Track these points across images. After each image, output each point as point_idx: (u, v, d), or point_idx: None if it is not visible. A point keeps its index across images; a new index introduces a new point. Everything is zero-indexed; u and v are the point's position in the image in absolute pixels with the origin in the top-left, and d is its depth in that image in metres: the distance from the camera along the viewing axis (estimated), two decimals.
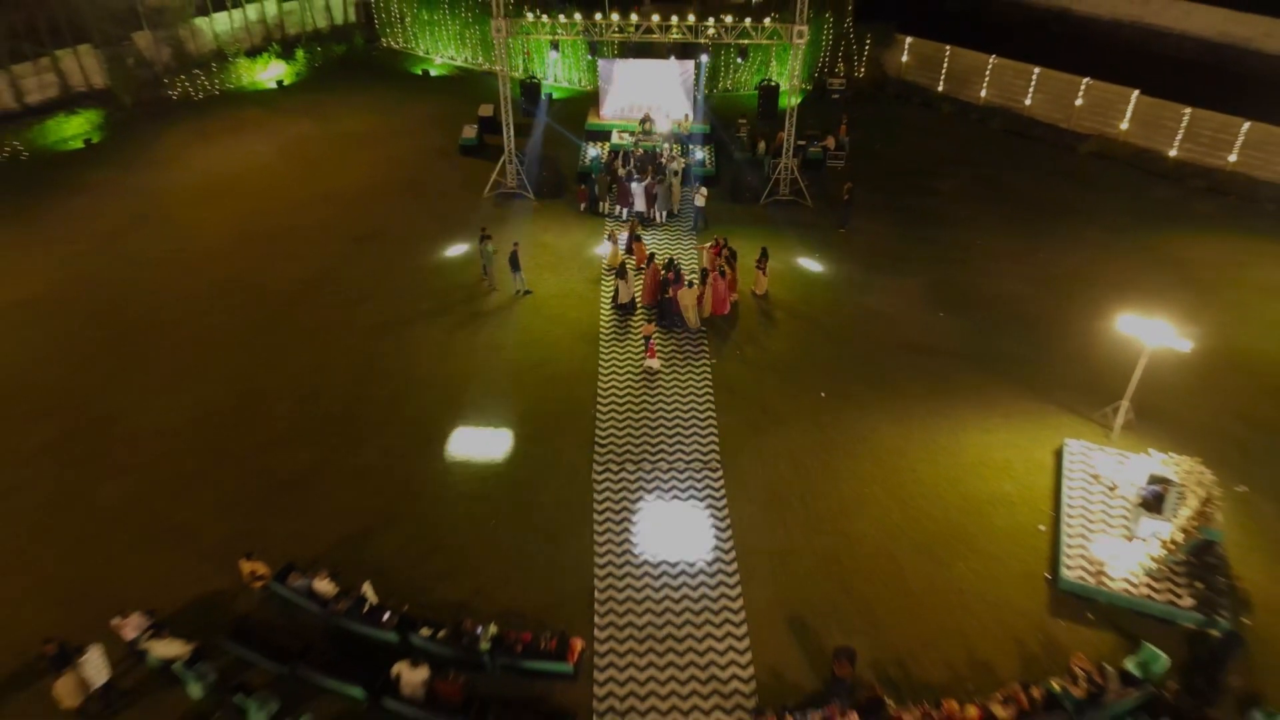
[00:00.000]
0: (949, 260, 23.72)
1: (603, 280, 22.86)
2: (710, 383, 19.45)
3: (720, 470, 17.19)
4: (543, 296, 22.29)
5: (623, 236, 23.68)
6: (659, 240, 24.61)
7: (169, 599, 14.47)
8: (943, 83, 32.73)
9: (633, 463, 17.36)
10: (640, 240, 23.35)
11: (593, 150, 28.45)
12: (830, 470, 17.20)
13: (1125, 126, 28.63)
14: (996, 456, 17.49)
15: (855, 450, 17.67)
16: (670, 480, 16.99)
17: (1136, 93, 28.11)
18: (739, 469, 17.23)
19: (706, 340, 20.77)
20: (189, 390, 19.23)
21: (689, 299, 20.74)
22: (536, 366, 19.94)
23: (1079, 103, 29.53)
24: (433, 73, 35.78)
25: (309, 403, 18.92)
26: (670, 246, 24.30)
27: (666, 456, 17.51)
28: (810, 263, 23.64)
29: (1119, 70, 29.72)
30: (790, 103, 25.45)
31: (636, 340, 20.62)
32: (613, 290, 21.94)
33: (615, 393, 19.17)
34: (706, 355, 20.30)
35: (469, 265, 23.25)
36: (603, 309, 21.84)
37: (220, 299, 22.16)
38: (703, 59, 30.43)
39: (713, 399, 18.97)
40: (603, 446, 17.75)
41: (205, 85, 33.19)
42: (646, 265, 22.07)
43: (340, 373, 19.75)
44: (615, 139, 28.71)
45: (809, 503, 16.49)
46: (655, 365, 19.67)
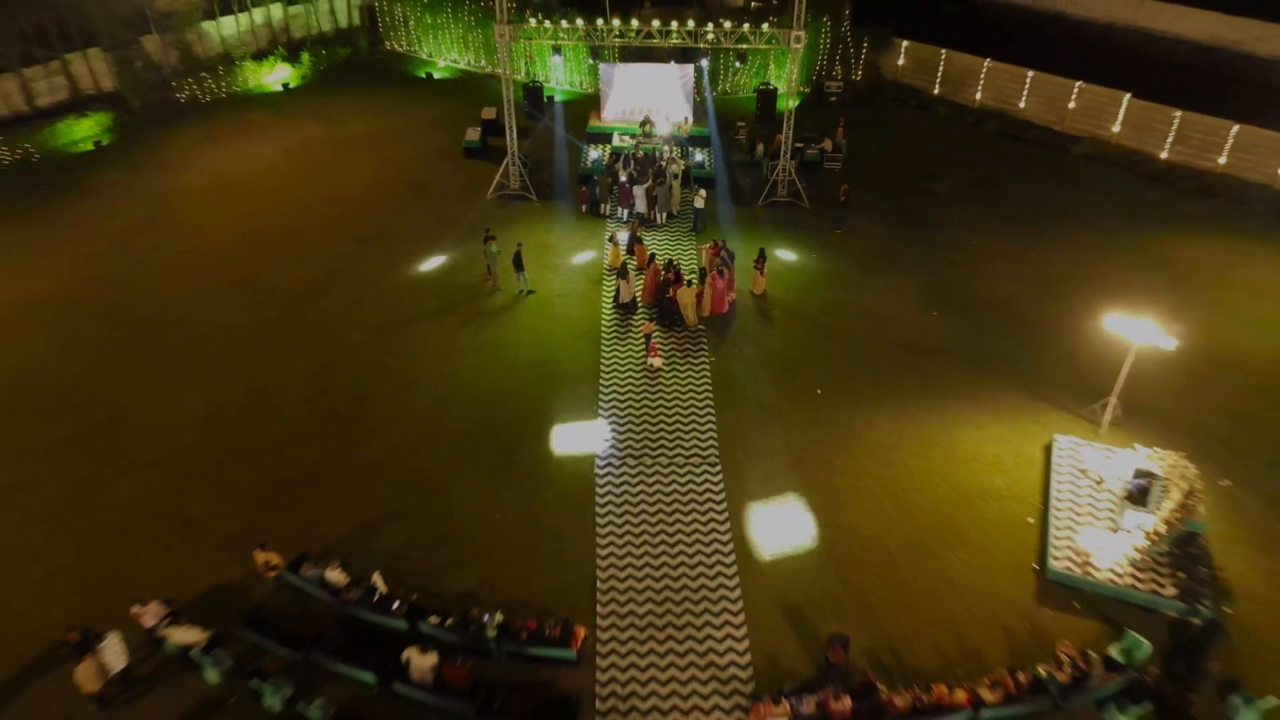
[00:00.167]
0: (943, 261, 24.19)
1: (604, 280, 23.33)
2: (709, 380, 19.93)
3: (719, 465, 17.67)
4: (545, 296, 22.76)
5: (623, 237, 24.15)
6: (659, 241, 25.09)
7: (185, 589, 14.94)
8: (939, 86, 33.22)
9: (634, 458, 17.84)
10: (642, 241, 23.84)
11: (594, 152, 28.93)
12: (826, 464, 17.68)
13: (1117, 129, 29.13)
14: (988, 452, 17.97)
15: (850, 445, 18.15)
16: (670, 474, 17.46)
17: (1128, 96, 28.61)
18: (737, 463, 17.71)
19: (705, 339, 21.26)
20: (199, 388, 19.71)
21: (688, 298, 21.23)
22: (539, 364, 20.42)
23: (1072, 105, 30.04)
24: (436, 76, 36.28)
25: (317, 400, 19.40)
26: (670, 247, 24.78)
27: (667, 451, 17.99)
28: (809, 263, 24.12)
29: (1113, 73, 30.20)
30: (788, 105, 25.90)
31: (637, 339, 21.10)
32: (614, 290, 22.42)
33: (617, 390, 19.64)
34: (706, 353, 20.79)
35: (473, 265, 23.72)
36: (604, 308, 22.31)
37: (229, 299, 22.63)
38: (703, 64, 30.90)
39: (712, 396, 19.45)
40: (604, 442, 18.22)
41: (212, 88, 33.71)
42: (647, 266, 22.57)
43: (347, 370, 20.23)
44: (616, 141, 29.20)
45: (804, 496, 16.96)
46: (657, 363, 20.15)
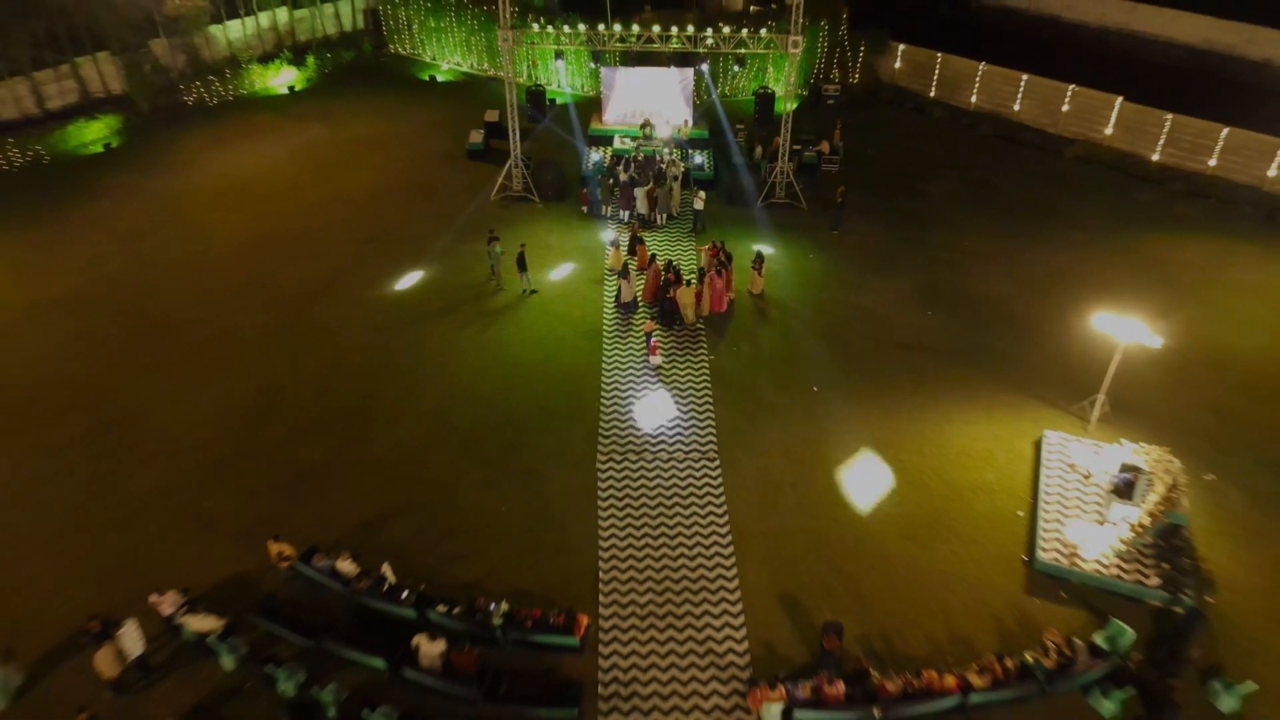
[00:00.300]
0: (938, 261, 24.68)
1: (605, 280, 23.83)
2: (709, 378, 20.42)
3: (717, 460, 18.16)
4: (548, 296, 23.26)
5: (621, 239, 24.62)
6: (659, 242, 25.58)
7: (200, 579, 15.42)
8: (934, 89, 33.72)
9: (635, 453, 18.34)
10: (643, 242, 24.33)
11: (595, 155, 29.42)
12: (821, 459, 18.17)
13: (1110, 131, 29.64)
14: (979, 447, 18.46)
15: (845, 441, 18.64)
16: (670, 469, 17.96)
17: (1120, 99, 29.11)
18: (735, 458, 18.21)
19: (705, 337, 21.75)
20: (211, 385, 20.21)
21: (687, 297, 21.75)
22: (542, 362, 20.91)
23: (1065, 108, 30.54)
24: (439, 78, 36.77)
25: (326, 397, 19.89)
26: (670, 248, 25.27)
27: (667, 447, 18.49)
28: (806, 263, 24.61)
29: (1107, 76, 30.69)
30: (786, 108, 26.37)
31: (638, 337, 21.58)
32: (615, 290, 22.92)
33: (618, 387, 20.14)
34: (705, 351, 21.28)
35: (477, 266, 24.20)
36: (605, 308, 22.81)
37: (238, 299, 23.13)
38: (703, 68, 31.40)
39: (711, 393, 19.95)
40: (606, 438, 18.72)
41: (219, 91, 34.23)
42: (648, 266, 23.08)
43: (354, 369, 20.73)
44: (617, 144, 29.69)
45: (801, 490, 17.47)
46: (658, 361, 20.65)
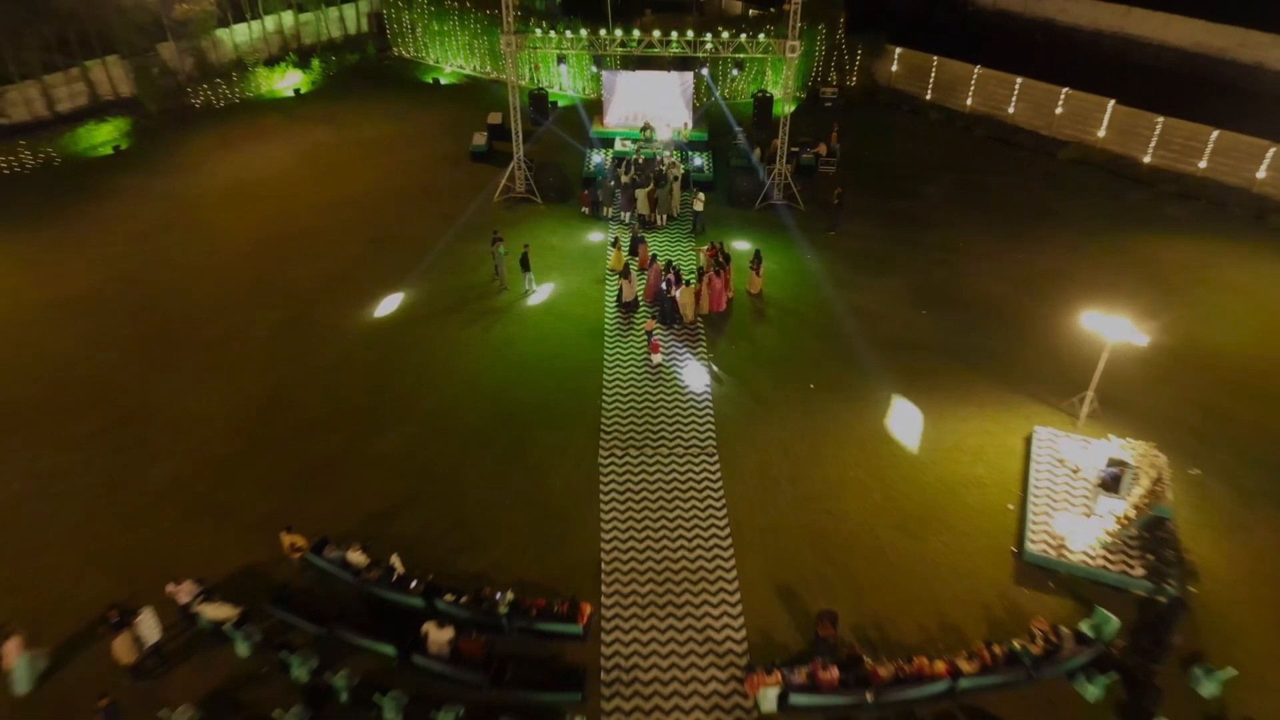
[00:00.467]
0: (933, 261, 25.17)
1: (606, 281, 24.31)
2: (708, 375, 20.89)
3: (716, 455, 18.66)
4: (551, 295, 23.74)
5: (626, 239, 25.11)
6: (659, 243, 26.06)
7: (215, 569, 15.92)
8: (930, 91, 34.19)
9: (636, 448, 18.84)
10: (644, 242, 24.82)
11: (597, 157, 29.91)
12: (817, 455, 18.68)
13: (1103, 134, 30.12)
14: (971, 443, 18.96)
15: (841, 437, 19.14)
16: (670, 464, 18.46)
17: (1113, 102, 29.58)
18: (734, 453, 18.70)
19: (704, 336, 22.25)
20: (222, 382, 20.70)
21: (686, 297, 22.26)
22: (546, 360, 21.40)
23: (1059, 111, 31.02)
24: (443, 81, 37.24)
25: (334, 393, 20.38)
26: (670, 249, 25.76)
27: (667, 442, 18.99)
28: (803, 263, 25.11)
29: (1101, 79, 31.13)
30: (784, 111, 26.82)
31: (640, 336, 22.07)
32: (617, 290, 23.41)
33: (619, 384, 20.63)
34: (705, 350, 21.78)
35: (481, 266, 24.68)
36: (607, 307, 23.30)
37: (248, 298, 23.62)
38: (703, 71, 31.87)
39: (710, 390, 20.44)
40: (608, 433, 19.22)
41: (226, 94, 34.72)
42: (649, 266, 23.58)
43: (363, 366, 21.22)
44: (618, 146, 30.18)
45: (797, 484, 17.97)
46: (659, 359, 21.14)
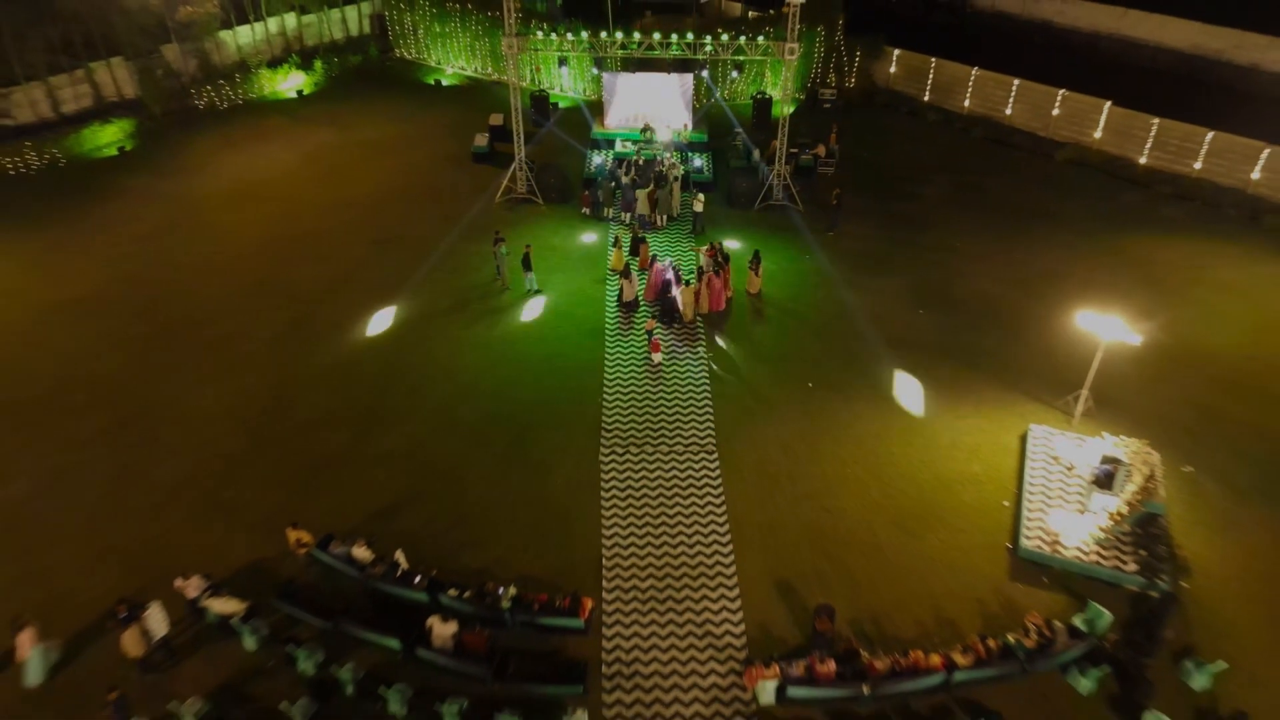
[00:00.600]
0: (930, 262, 25.40)
1: (607, 280, 24.55)
2: (707, 374, 21.16)
3: (716, 453, 18.90)
4: (553, 295, 23.97)
5: (626, 239, 25.35)
6: (660, 243, 26.30)
7: (222, 565, 16.18)
8: (929, 93, 34.44)
9: (636, 446, 19.08)
10: (645, 242, 25.08)
11: (597, 158, 30.15)
12: (815, 452, 18.92)
13: (1099, 135, 30.36)
14: (967, 440, 19.20)
15: (838, 435, 19.39)
16: (670, 461, 18.70)
17: (1109, 104, 29.83)
18: (733, 451, 18.95)
19: (703, 335, 22.49)
20: (228, 381, 20.95)
21: (686, 296, 22.52)
22: (547, 359, 21.64)
23: (1056, 113, 31.27)
24: (444, 82, 37.49)
25: (338, 392, 20.62)
26: (670, 249, 26.00)
27: (667, 440, 19.23)
28: (802, 263, 25.36)
29: (1098, 80, 31.38)
30: (783, 112, 27.07)
31: (640, 335, 22.32)
32: (618, 289, 23.66)
33: (620, 383, 20.88)
34: (704, 349, 22.02)
35: (483, 266, 24.93)
36: (608, 307, 23.54)
37: (252, 298, 23.86)
38: (702, 73, 32.11)
39: (709, 389, 20.69)
40: (609, 432, 19.47)
41: (229, 95, 34.99)
42: (650, 266, 23.83)
43: (366, 365, 21.45)
44: (619, 147, 30.43)
45: (796, 481, 18.22)
46: (659, 358, 21.38)
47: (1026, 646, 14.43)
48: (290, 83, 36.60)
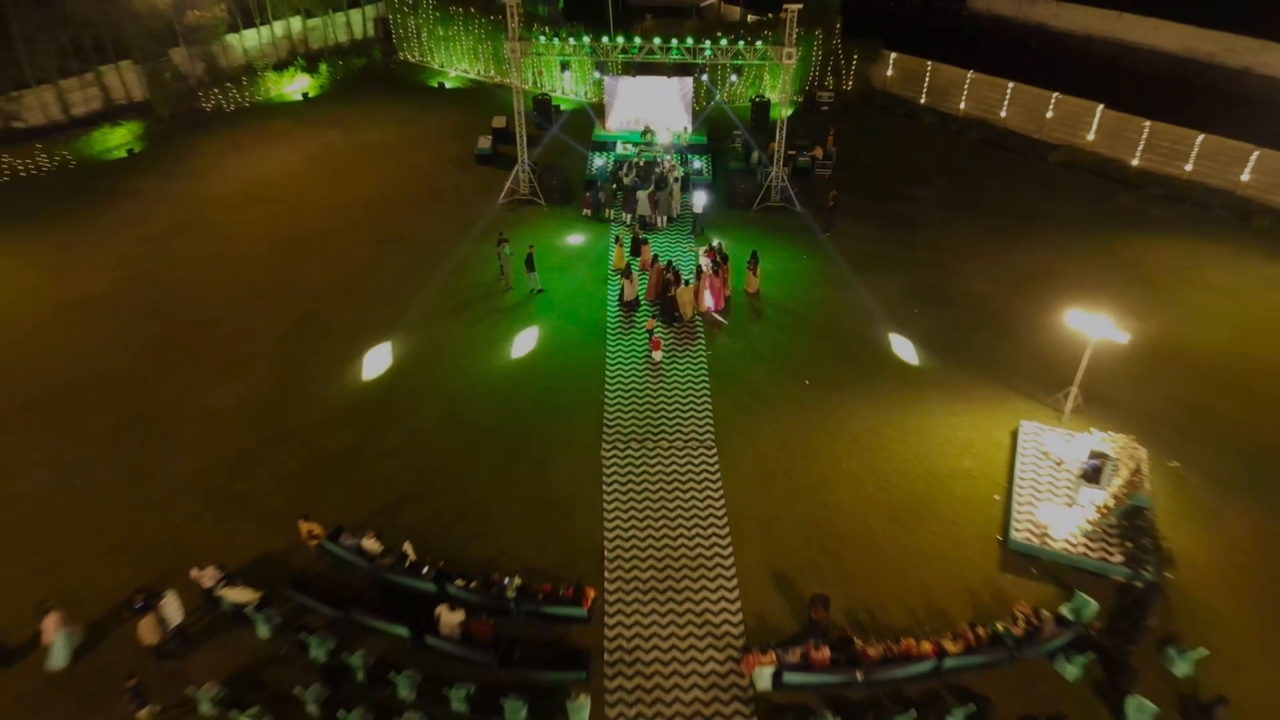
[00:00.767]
0: (925, 262, 25.87)
1: (609, 280, 25.03)
2: (706, 372, 21.65)
3: (715, 448, 19.39)
4: (555, 295, 24.46)
5: (627, 240, 25.83)
6: (660, 243, 26.75)
7: (235, 556, 16.66)
8: (925, 96, 34.92)
9: (637, 441, 19.57)
10: (646, 243, 25.56)
11: (599, 160, 30.62)
12: (812, 448, 19.41)
13: (1092, 137, 30.83)
14: (960, 436, 19.68)
15: (834, 431, 19.87)
16: (670, 456, 19.19)
17: (1101, 106, 30.30)
18: (731, 446, 19.44)
19: (702, 334, 22.98)
20: (237, 379, 21.44)
21: (686, 296, 23.01)
22: (550, 358, 22.12)
23: (1050, 115, 31.74)
24: (447, 85, 37.94)
25: (346, 389, 21.10)
26: (670, 249, 26.47)
27: (667, 435, 19.72)
28: (799, 264, 25.84)
29: (1093, 83, 31.84)
30: (781, 115, 27.53)
31: (640, 334, 22.80)
32: (619, 289, 24.14)
33: (621, 380, 21.37)
34: (703, 347, 22.50)
35: (487, 266, 25.40)
36: (609, 306, 24.02)
37: (260, 298, 24.35)
38: (702, 77, 32.58)
39: (708, 386, 21.17)
40: (610, 428, 19.95)
41: (236, 98, 35.48)
42: (651, 266, 24.31)
43: (373, 364, 21.90)
44: (620, 149, 30.90)
45: (793, 476, 18.71)
46: (659, 356, 21.86)
47: (1015, 634, 14.92)
48: (296, 86, 37.07)
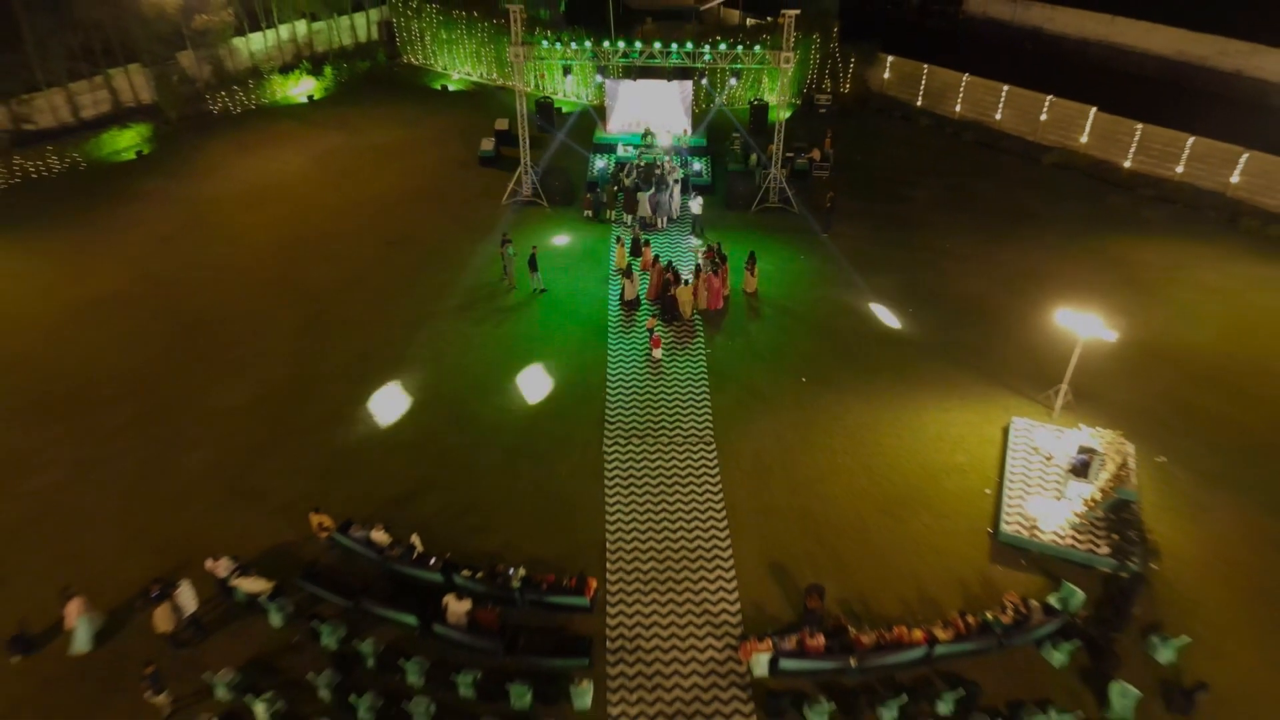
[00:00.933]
0: (920, 262, 26.36)
1: (610, 280, 25.53)
2: (705, 369, 22.15)
3: (714, 443, 19.89)
4: (557, 294, 24.96)
5: (628, 240, 26.33)
6: (660, 244, 27.25)
7: (248, 547, 17.15)
8: (921, 98, 35.42)
9: (638, 437, 20.07)
10: (647, 243, 26.06)
11: (600, 162, 31.11)
12: (808, 443, 19.91)
13: (1085, 140, 31.34)
14: (952, 432, 20.17)
15: (830, 427, 20.36)
16: (670, 451, 19.69)
17: (1094, 109, 30.81)
18: (730, 442, 19.93)
19: (702, 333, 23.48)
20: (248, 376, 21.94)
21: (685, 295, 23.53)
22: (553, 355, 22.61)
23: (1044, 118, 32.24)
24: (451, 88, 38.42)
25: (353, 386, 21.59)
26: (670, 250, 26.97)
27: (667, 431, 20.22)
28: (796, 264, 26.34)
29: (1086, 86, 32.32)
30: (779, 118, 28.02)
31: (641, 333, 23.29)
32: (620, 288, 24.63)
33: (622, 378, 21.86)
34: (702, 345, 23.00)
35: (491, 266, 25.90)
36: (610, 305, 24.52)
37: (268, 297, 24.85)
38: (702, 80, 33.08)
39: (707, 383, 21.67)
40: (611, 424, 20.45)
41: (243, 100, 36.00)
42: (652, 266, 24.82)
43: (380, 361, 22.42)
44: (620, 151, 31.39)
45: (789, 470, 19.21)
46: (659, 354, 22.37)
47: (1004, 623, 15.41)
48: (301, 88, 37.57)
